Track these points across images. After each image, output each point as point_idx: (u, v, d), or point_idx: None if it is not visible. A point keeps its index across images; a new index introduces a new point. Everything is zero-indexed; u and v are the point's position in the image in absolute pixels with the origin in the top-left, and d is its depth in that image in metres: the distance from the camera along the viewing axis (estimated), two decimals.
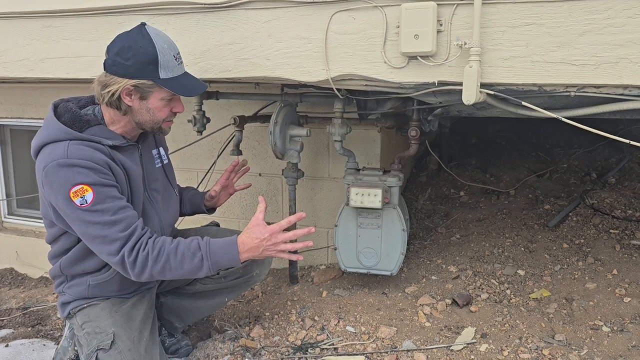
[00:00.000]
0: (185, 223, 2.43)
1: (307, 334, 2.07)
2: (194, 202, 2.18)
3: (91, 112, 1.79)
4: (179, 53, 1.76)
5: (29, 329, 2.46)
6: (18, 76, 2.53)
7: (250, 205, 3.08)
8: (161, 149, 2.00)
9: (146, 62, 1.66)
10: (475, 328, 2.02)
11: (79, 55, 2.35)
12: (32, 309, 2.68)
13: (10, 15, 2.44)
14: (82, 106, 1.82)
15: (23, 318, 2.58)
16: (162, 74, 1.68)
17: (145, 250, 1.65)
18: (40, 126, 1.75)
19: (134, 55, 1.65)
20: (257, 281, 2.14)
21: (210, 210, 2.23)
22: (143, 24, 1.71)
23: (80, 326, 1.82)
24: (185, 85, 1.75)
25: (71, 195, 1.60)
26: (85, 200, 1.61)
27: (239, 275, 2.03)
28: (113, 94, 1.68)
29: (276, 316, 2.24)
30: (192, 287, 2.08)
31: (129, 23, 2.19)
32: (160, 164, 1.97)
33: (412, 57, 1.79)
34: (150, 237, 1.68)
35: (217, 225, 2.28)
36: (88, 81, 2.17)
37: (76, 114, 1.74)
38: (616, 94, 1.68)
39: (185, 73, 1.78)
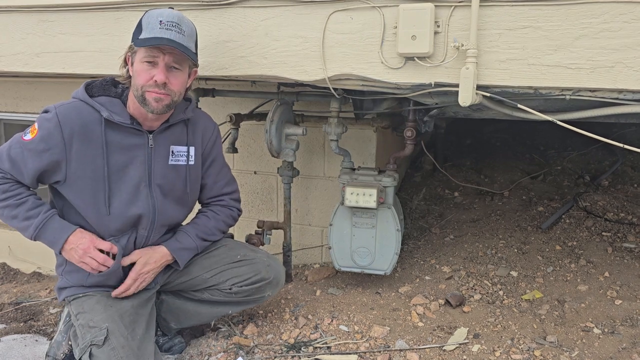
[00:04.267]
0: None
1: (300, 333, 2.08)
2: None
3: (121, 88, 1.84)
4: (173, 23, 1.71)
5: (21, 324, 2.45)
6: (13, 70, 2.52)
7: (245, 203, 3.07)
8: (191, 149, 1.93)
9: (137, 26, 1.75)
10: (467, 328, 2.03)
11: (75, 50, 2.34)
12: (24, 304, 2.67)
13: (6, 9, 2.42)
14: (122, 83, 1.86)
15: (15, 313, 2.57)
16: (142, 35, 1.71)
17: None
18: (34, 121, 1.78)
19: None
20: (265, 300, 2.11)
21: None
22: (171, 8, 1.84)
23: (75, 316, 1.81)
24: (147, 40, 1.70)
25: (32, 127, 1.75)
26: (27, 136, 1.74)
27: (250, 293, 1.99)
28: (124, 62, 1.80)
29: (270, 314, 2.24)
30: (198, 294, 2.02)
31: (126, 19, 2.19)
32: (182, 163, 1.90)
33: (409, 58, 1.79)
34: (10, 181, 1.76)
35: (232, 237, 2.20)
36: (84, 76, 2.17)
37: (103, 84, 1.83)
38: (611, 98, 1.69)
39: (168, 38, 1.69)
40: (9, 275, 3.51)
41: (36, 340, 2.28)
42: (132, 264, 1.86)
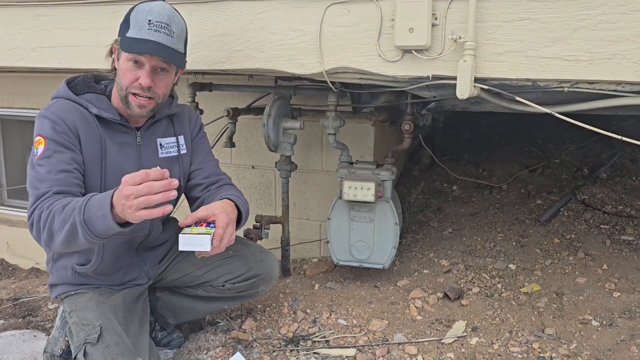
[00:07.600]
0: None
1: (298, 327, 2.08)
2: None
3: (104, 84, 1.80)
4: (162, 24, 1.62)
5: (20, 320, 2.45)
6: (8, 65, 2.50)
7: None
8: (180, 138, 1.90)
9: (125, 20, 1.67)
10: (466, 322, 2.03)
11: (70, 44, 2.32)
12: (22, 300, 2.67)
13: (0, 3, 2.40)
14: (105, 78, 1.83)
15: (14, 309, 2.57)
16: (129, 33, 1.63)
17: (40, 209, 1.49)
18: (31, 116, 1.76)
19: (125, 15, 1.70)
20: (260, 295, 2.09)
21: None
22: None
23: (68, 313, 1.80)
24: (133, 43, 1.61)
25: (34, 142, 1.64)
26: (37, 152, 1.62)
27: (244, 289, 1.98)
28: (109, 52, 1.74)
29: (268, 309, 2.24)
30: (192, 290, 2.01)
31: (121, 13, 2.14)
32: (174, 154, 1.87)
33: (406, 51, 1.78)
34: (52, 198, 1.52)
35: None
36: (80, 71, 2.15)
37: (85, 80, 1.78)
38: (609, 90, 1.69)
39: (155, 42, 1.61)
40: (7, 271, 3.51)
41: (34, 336, 2.28)
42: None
